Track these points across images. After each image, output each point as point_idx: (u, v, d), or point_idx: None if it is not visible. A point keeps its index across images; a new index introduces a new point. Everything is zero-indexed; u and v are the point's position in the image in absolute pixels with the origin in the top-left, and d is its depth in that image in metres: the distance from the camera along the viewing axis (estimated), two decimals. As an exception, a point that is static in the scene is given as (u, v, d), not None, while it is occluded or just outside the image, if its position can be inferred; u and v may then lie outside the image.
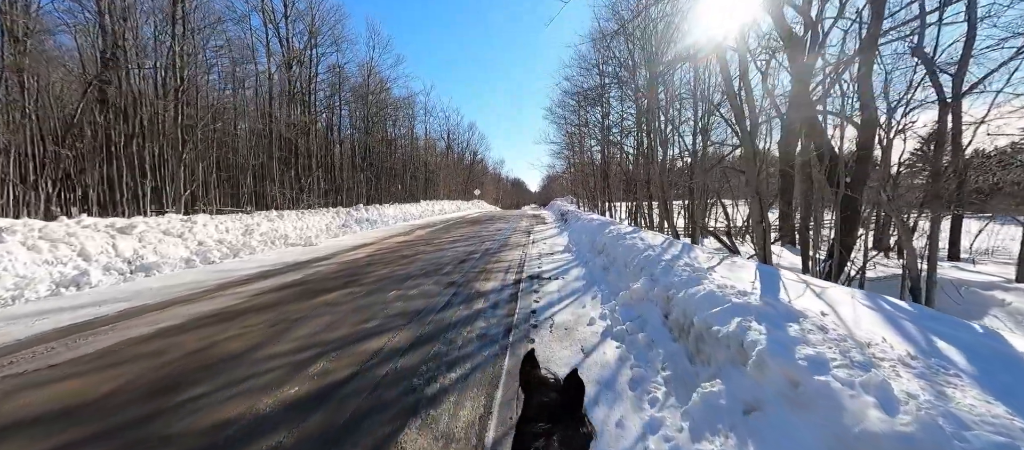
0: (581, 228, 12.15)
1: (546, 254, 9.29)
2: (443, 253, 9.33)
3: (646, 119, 13.23)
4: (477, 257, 8.76)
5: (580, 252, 9.25)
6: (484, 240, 12.01)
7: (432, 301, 5.13)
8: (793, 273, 4.23)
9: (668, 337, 3.57)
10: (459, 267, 7.51)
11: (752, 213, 5.11)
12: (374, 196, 24.94)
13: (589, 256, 8.34)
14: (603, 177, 23.75)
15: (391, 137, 30.03)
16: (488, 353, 3.54)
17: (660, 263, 5.03)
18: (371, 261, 8.26)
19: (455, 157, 47.16)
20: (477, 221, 20.23)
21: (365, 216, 17.06)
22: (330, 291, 5.64)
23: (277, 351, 3.51)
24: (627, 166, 20.08)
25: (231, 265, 7.88)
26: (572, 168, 36.30)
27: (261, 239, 10.22)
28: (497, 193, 75.49)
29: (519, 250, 9.95)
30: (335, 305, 4.92)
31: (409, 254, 9.18)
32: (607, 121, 18.18)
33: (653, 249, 6.04)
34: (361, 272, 7.07)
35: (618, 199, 24.31)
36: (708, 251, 6.23)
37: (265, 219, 11.41)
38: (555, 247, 10.47)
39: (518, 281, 6.39)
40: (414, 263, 7.95)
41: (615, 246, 7.23)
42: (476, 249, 10.02)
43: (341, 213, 15.48)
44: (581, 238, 10.89)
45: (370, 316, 4.47)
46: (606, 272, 6.64)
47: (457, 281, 6.31)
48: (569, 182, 41.64)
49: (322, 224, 13.86)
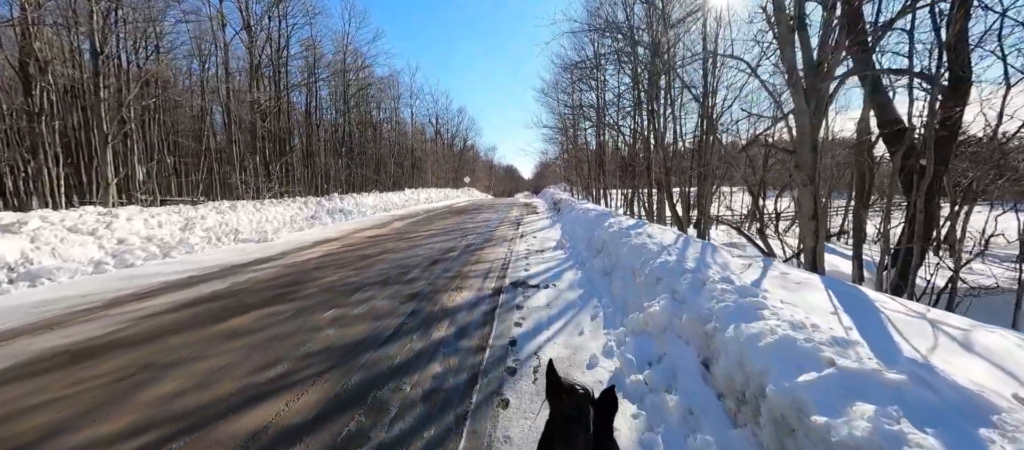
0: (576, 220, 10.86)
1: (535, 251, 8.00)
2: (415, 251, 7.98)
3: (647, 95, 11.88)
4: (454, 256, 7.43)
5: (575, 249, 7.96)
6: (466, 233, 10.67)
7: (378, 326, 3.81)
8: (883, 297, 2.97)
9: (717, 409, 2.29)
10: (428, 271, 6.19)
11: (803, 206, 3.83)
12: (355, 184, 23.37)
13: (586, 256, 7.05)
14: (598, 163, 22.40)
15: (374, 121, 28.30)
16: (434, 432, 2.25)
17: (683, 273, 3.75)
18: (324, 263, 6.90)
19: (444, 143, 45.43)
20: (463, 211, 18.84)
21: (339, 206, 15.58)
22: (248, 311, 4.29)
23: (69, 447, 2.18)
24: (624, 151, 18.77)
25: (151, 269, 6.48)
26: (565, 154, 34.95)
27: (205, 235, 8.78)
28: (489, 181, 73.87)
29: (504, 246, 8.64)
30: (240, 336, 3.58)
31: (374, 253, 7.82)
32: (602, 100, 16.75)
33: (668, 251, 4.76)
34: (304, 279, 5.71)
35: (613, 186, 23.03)
36: (734, 252, 4.97)
37: (214, 211, 9.95)
38: (546, 243, 9.17)
39: (498, 291, 5.08)
40: (375, 265, 6.60)
41: (618, 244, 5.94)
42: (455, 245, 8.69)
43: (310, 203, 14.00)
44: (575, 231, 9.60)
45: (277, 358, 3.14)
46: (608, 278, 5.35)
47: (421, 292, 4.98)
48: (562, 168, 40.36)
49: (287, 216, 12.39)
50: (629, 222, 8.01)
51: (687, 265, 4.02)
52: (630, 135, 16.57)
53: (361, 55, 22.91)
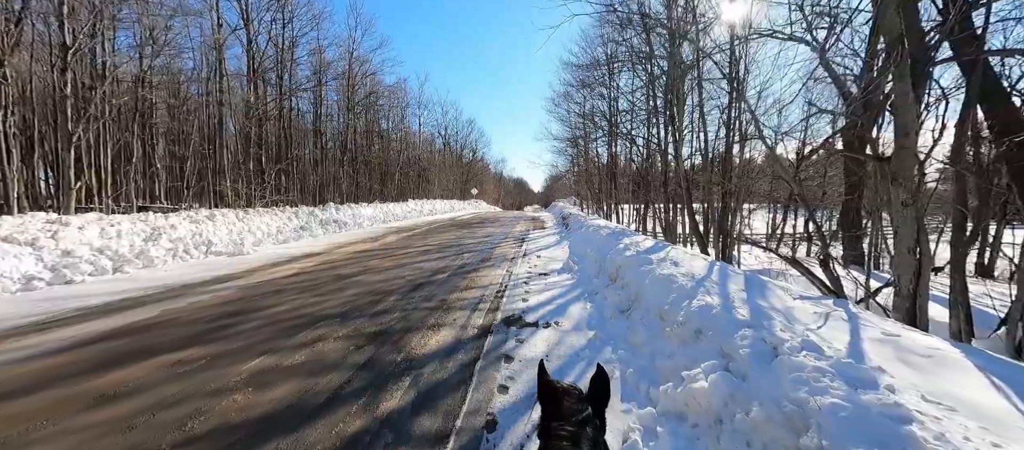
0: (586, 237, 9.77)
1: (538, 274, 6.93)
2: (400, 271, 6.97)
3: (664, 100, 10.84)
4: (442, 279, 6.39)
5: (584, 273, 6.87)
6: (464, 250, 9.65)
7: (309, 388, 2.77)
8: None
9: None
10: (407, 299, 5.15)
11: (901, 232, 2.75)
12: (358, 194, 22.61)
13: (597, 283, 5.95)
14: (610, 176, 21.31)
15: (379, 129, 27.72)
16: None
17: (737, 327, 2.65)
18: (290, 284, 5.91)
19: (452, 154, 44.83)
20: (466, 224, 17.85)
21: (334, 217, 14.72)
22: (152, 355, 3.28)
23: None
24: (636, 164, 17.70)
25: (91, 288, 5.58)
26: (575, 167, 34.02)
27: (171, 247, 7.89)
28: (498, 193, 73.11)
29: (503, 268, 7.59)
30: (108, 402, 2.57)
31: (351, 273, 6.83)
32: (614, 107, 15.74)
33: (704, 286, 3.66)
34: (254, 307, 4.72)
35: (625, 201, 21.88)
36: (791, 291, 3.83)
37: (188, 220, 9.10)
38: (551, 264, 8.09)
39: (485, 331, 4.01)
40: (347, 290, 5.60)
41: (637, 273, 4.85)
42: (447, 265, 7.66)
43: (302, 213, 13.14)
44: (585, 251, 8.50)
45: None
46: (626, 319, 4.25)
47: (387, 331, 3.94)
48: (573, 182, 39.38)
49: (273, 227, 11.52)
50: (647, 243, 6.91)
51: (737, 312, 2.92)
52: (643, 146, 15.48)
53: (367, 62, 22.37)
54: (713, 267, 4.75)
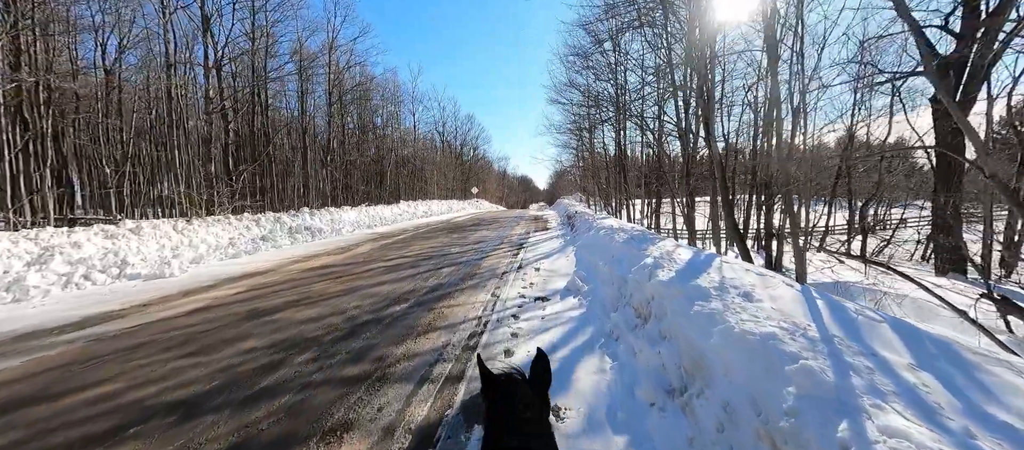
0: (595, 243, 7.88)
1: (534, 299, 5.09)
2: (346, 300, 5.16)
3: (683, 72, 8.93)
4: (399, 313, 4.56)
5: (596, 297, 5.01)
6: (445, 263, 7.83)
7: None
8: None
9: None
10: (325, 359, 3.33)
11: None
12: (343, 196, 20.87)
13: (617, 319, 4.05)
14: (619, 169, 19.30)
15: (367, 126, 25.98)
16: None
17: None
18: (164, 335, 4.10)
19: (451, 152, 43.03)
20: (459, 228, 16.02)
21: (307, 223, 12.95)
22: None
23: None
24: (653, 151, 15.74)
25: None
26: (581, 161, 32.06)
27: (67, 272, 6.15)
28: (501, 191, 71.22)
29: (488, 290, 5.76)
30: None
31: (273, 307, 5.00)
32: (623, 82, 13.81)
33: (831, 348, 1.78)
34: (61, 387, 2.92)
35: (636, 196, 19.87)
36: (963, 347, 1.95)
37: (100, 234, 7.37)
38: (552, 281, 6.25)
39: (429, 440, 2.17)
40: (245, 340, 3.78)
41: (693, 321, 2.96)
42: (416, 287, 5.84)
43: (265, 221, 11.38)
44: (595, 262, 6.63)
45: None
46: (682, 408, 2.37)
47: (267, 431, 2.11)
48: (578, 177, 37.43)
49: (225, 238, 9.77)
50: (682, 253, 4.97)
51: None
52: (656, 130, 13.50)
53: (351, 51, 20.58)
54: (809, 301, 2.86)
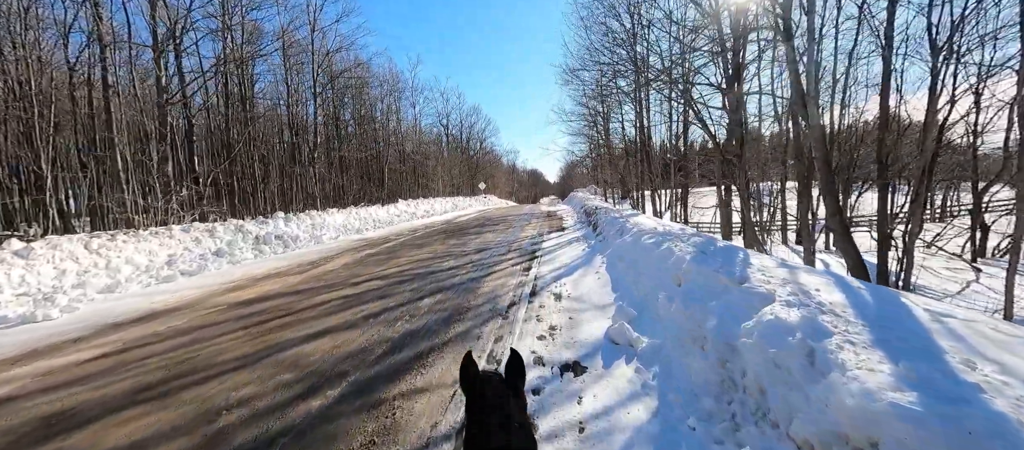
0: (636, 255, 5.67)
1: (558, 372, 2.97)
2: (258, 366, 3.10)
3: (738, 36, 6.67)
4: (312, 413, 2.47)
5: (667, 372, 2.85)
6: (427, 288, 5.73)
7: None
8: None
9: None
10: None
11: None
12: (333, 197, 18.96)
13: (726, 427, 1.88)
14: (642, 156, 16.93)
15: (365, 118, 24.01)
16: None
17: None
18: None
19: (457, 145, 40.95)
20: (461, 230, 13.92)
21: (279, 230, 11.00)
22: None
23: None
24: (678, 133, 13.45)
25: None
26: (594, 152, 29.65)
27: None
28: (511, 186, 69.03)
29: (485, 340, 3.64)
30: None
31: (135, 387, 2.96)
32: (644, 51, 11.54)
33: None
34: None
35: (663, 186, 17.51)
36: None
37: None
38: (581, 324, 4.13)
39: None
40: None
41: None
42: (373, 343, 3.76)
43: (223, 231, 9.44)
44: (644, 287, 4.43)
45: None
46: None
47: None
48: (591, 168, 35.04)
49: (162, 256, 7.84)
50: (836, 291, 2.78)
51: None
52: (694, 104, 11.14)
53: (337, 34, 18.53)
54: None
